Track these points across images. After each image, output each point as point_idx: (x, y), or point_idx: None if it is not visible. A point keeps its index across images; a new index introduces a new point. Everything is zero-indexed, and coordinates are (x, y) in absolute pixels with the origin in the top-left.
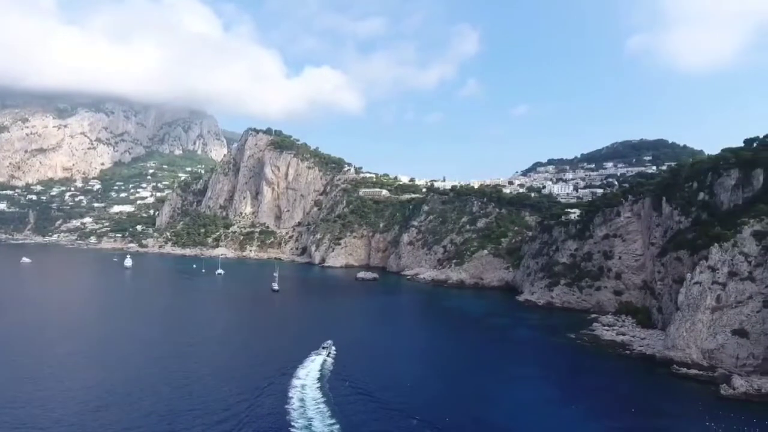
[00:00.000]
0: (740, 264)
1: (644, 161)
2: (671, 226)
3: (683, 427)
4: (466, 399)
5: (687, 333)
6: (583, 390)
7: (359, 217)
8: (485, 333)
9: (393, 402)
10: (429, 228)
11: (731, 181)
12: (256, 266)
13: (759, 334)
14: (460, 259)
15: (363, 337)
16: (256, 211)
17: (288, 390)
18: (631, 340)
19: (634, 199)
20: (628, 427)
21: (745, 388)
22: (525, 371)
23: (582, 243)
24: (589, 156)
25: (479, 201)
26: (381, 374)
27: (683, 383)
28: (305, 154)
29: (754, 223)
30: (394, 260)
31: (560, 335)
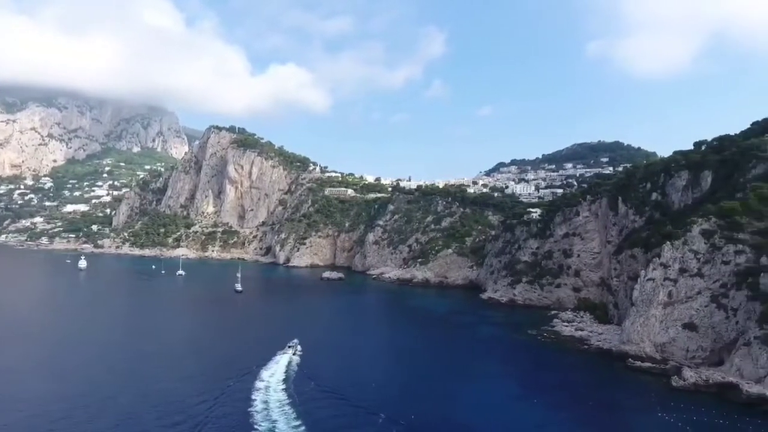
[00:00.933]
0: (690, 261)
1: (602, 162)
2: (626, 225)
3: (637, 419)
4: (432, 396)
5: (641, 327)
6: (544, 385)
7: (325, 216)
8: (450, 331)
9: (359, 400)
10: (394, 227)
11: (682, 182)
12: (218, 267)
13: (707, 328)
14: (425, 258)
15: (329, 337)
16: (219, 210)
17: (251, 391)
18: (589, 336)
19: (592, 199)
20: (586, 420)
21: (694, 379)
22: (489, 368)
23: (543, 242)
24: (550, 157)
25: (444, 200)
26: (347, 373)
27: (638, 376)
28: (270, 153)
29: (703, 222)
30: (359, 260)
31: (522, 332)
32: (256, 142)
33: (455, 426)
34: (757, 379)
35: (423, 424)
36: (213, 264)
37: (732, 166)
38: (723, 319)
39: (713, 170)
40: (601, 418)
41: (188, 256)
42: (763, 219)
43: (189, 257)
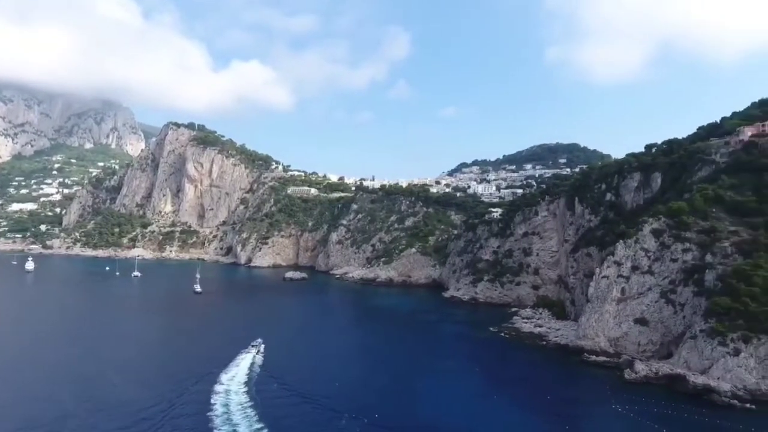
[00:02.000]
0: (641, 259)
1: (560, 163)
2: (583, 224)
3: (592, 411)
4: (395, 394)
5: (596, 323)
6: (504, 380)
7: (287, 215)
8: (413, 329)
9: (323, 400)
10: (358, 227)
11: (634, 183)
12: (176, 267)
13: (657, 322)
14: (388, 257)
15: (293, 337)
16: (177, 209)
17: (210, 395)
18: (547, 332)
19: (550, 199)
20: (544, 414)
21: (645, 371)
22: (451, 365)
23: (504, 240)
24: (511, 158)
25: (407, 200)
26: (311, 373)
27: (593, 370)
28: (231, 151)
29: (653, 222)
30: (323, 259)
31: (484, 329)
32: (216, 139)
33: (419, 423)
34: (702, 370)
35: (387, 423)
36: (171, 265)
37: (680, 169)
38: (671, 314)
39: (663, 172)
40: (559, 411)
41: (144, 256)
42: (707, 219)
43: (145, 258)
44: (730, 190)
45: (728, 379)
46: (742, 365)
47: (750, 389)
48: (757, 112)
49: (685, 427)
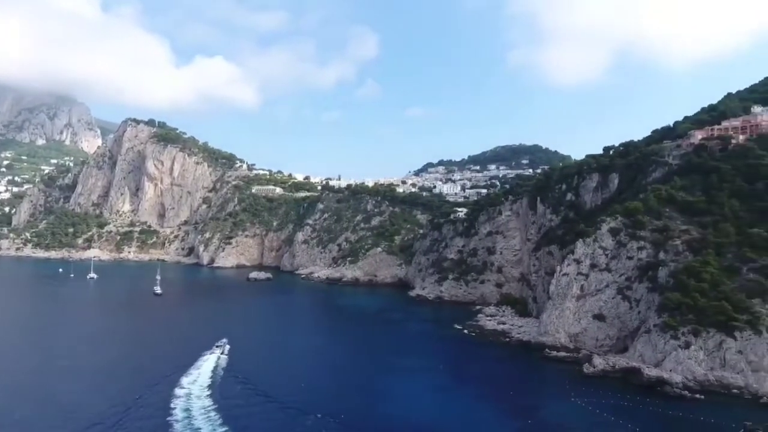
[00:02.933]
0: (599, 257)
1: (522, 164)
2: (544, 223)
3: (553, 405)
4: (362, 393)
5: (557, 319)
6: (469, 377)
7: (252, 215)
8: (379, 328)
9: (289, 401)
10: (324, 226)
11: (593, 183)
12: (135, 269)
13: (613, 318)
14: (354, 257)
15: (257, 338)
16: (136, 208)
17: (170, 399)
18: (510, 329)
19: (513, 199)
20: (507, 409)
21: (603, 365)
22: (417, 363)
23: (468, 240)
24: (475, 158)
25: (374, 200)
26: (277, 373)
27: (554, 365)
28: (193, 149)
29: (610, 221)
30: (288, 259)
31: (449, 327)
32: (178, 137)
33: (385, 422)
34: (656, 363)
35: (353, 422)
36: (129, 266)
37: (636, 170)
38: (627, 310)
39: (620, 173)
40: (521, 407)
41: (101, 257)
42: (661, 218)
43: (102, 259)
44: (682, 190)
45: (679, 371)
46: (692, 357)
47: (699, 380)
48: (707, 117)
49: (639, 418)
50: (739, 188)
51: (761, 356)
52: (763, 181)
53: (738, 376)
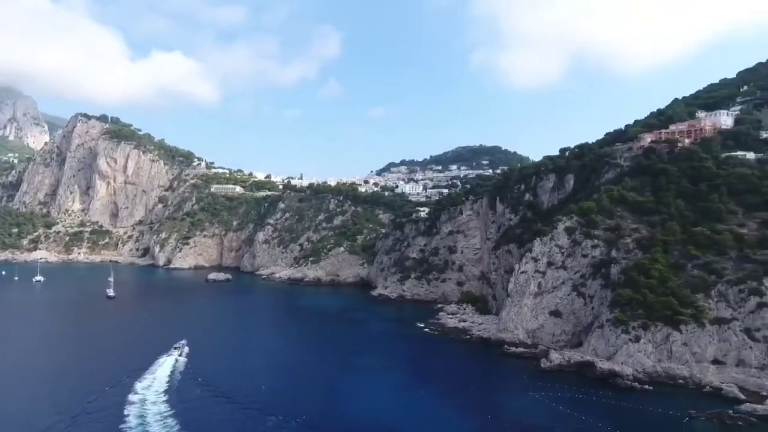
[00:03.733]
0: (556, 255)
1: (483, 165)
2: (504, 222)
3: (512, 399)
4: (324, 394)
5: (515, 316)
6: (430, 375)
7: (210, 214)
8: (341, 328)
9: (250, 402)
10: (285, 226)
11: (549, 184)
12: (86, 271)
13: (569, 314)
14: (316, 256)
15: (217, 340)
16: (87, 208)
17: (123, 406)
18: (471, 326)
19: (474, 198)
20: (468, 405)
21: (559, 360)
22: (379, 362)
23: (430, 239)
24: (437, 158)
25: (336, 199)
26: (238, 375)
27: (512, 361)
28: (148, 146)
29: (566, 220)
30: (248, 260)
31: (411, 326)
32: (132, 133)
33: (347, 422)
34: (608, 356)
35: (315, 422)
36: (79, 268)
37: (590, 171)
38: (582, 306)
39: (575, 174)
40: (481, 402)
41: (48, 259)
42: (613, 217)
43: (49, 261)
44: (632, 191)
45: (630, 364)
46: (642, 350)
47: (648, 372)
48: (656, 121)
49: (593, 410)
50: (685, 189)
51: (704, 348)
52: (705, 183)
53: (683, 367)
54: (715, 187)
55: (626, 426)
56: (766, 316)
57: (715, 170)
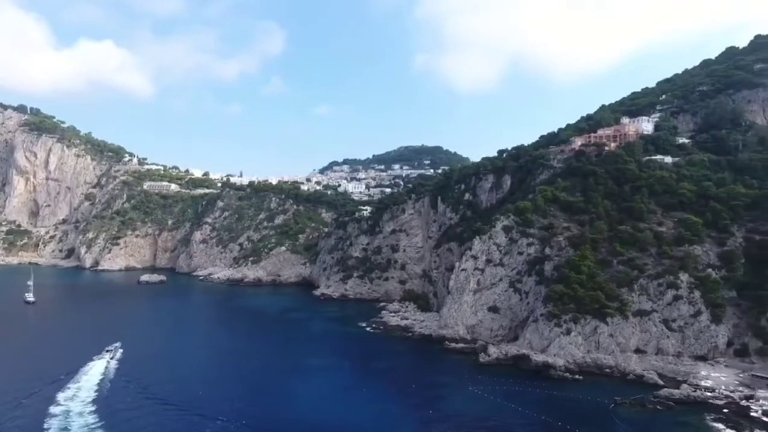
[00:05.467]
0: (494, 253)
1: (425, 165)
2: (445, 221)
3: (452, 394)
4: (265, 397)
5: (456, 313)
6: (373, 373)
7: (143, 213)
8: (283, 329)
9: (189, 407)
10: (224, 225)
11: (488, 184)
12: (1, 274)
13: (506, 309)
14: (257, 256)
15: (151, 345)
16: (3, 205)
17: (44, 417)
18: (412, 324)
19: (416, 198)
20: (410, 402)
21: (496, 354)
22: (321, 362)
23: (373, 238)
24: (380, 157)
25: (277, 197)
26: (175, 379)
27: (453, 356)
28: (73, 140)
29: (504, 219)
30: (184, 260)
31: (353, 325)
32: (55, 126)
33: (288, 424)
34: (542, 349)
35: (257, 425)
36: None
37: (526, 172)
38: (518, 301)
39: (512, 174)
40: (423, 398)
41: None
42: (547, 216)
43: None
44: (564, 191)
45: (562, 356)
46: (573, 342)
47: (578, 363)
48: (585, 126)
49: (528, 401)
50: (611, 190)
51: (628, 338)
52: (629, 184)
53: (609, 357)
54: (638, 189)
55: (558, 415)
56: (681, 307)
57: (637, 173)
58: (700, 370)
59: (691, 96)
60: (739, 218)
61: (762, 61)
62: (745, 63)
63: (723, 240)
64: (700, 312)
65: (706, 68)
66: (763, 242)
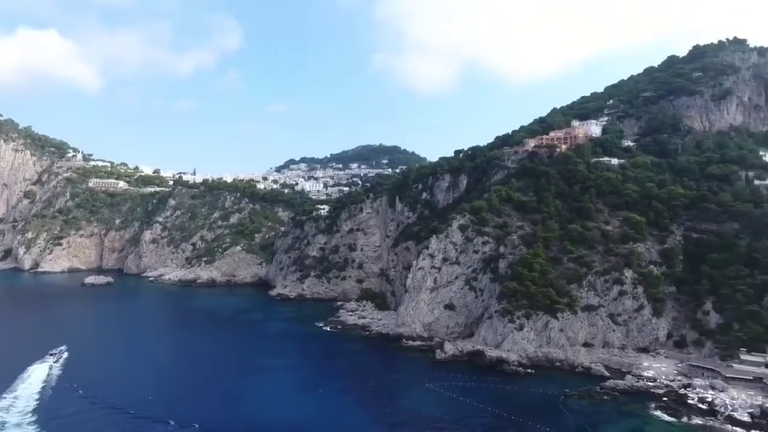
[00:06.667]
0: (450, 251)
1: (383, 164)
2: (402, 220)
3: (409, 391)
4: (219, 399)
5: (413, 311)
6: (330, 372)
7: (88, 212)
8: (238, 330)
9: (139, 411)
10: (176, 224)
11: (445, 183)
12: None
13: (462, 307)
14: (211, 256)
15: (98, 349)
16: None
17: None
18: (370, 322)
19: (374, 197)
20: (368, 400)
21: (452, 351)
22: (278, 363)
23: (330, 237)
24: (338, 156)
25: (233, 196)
26: (123, 384)
27: (410, 354)
28: (10, 134)
29: (460, 218)
30: (133, 261)
31: (310, 324)
32: None
33: (243, 426)
34: (496, 344)
35: (209, 429)
36: None
37: (481, 172)
38: (473, 299)
39: (468, 174)
40: (380, 396)
41: None
42: (501, 215)
43: None
44: (518, 191)
45: (515, 350)
46: (525, 338)
47: (530, 357)
48: (538, 128)
49: (482, 395)
50: (562, 190)
51: (576, 332)
52: (579, 185)
53: (560, 351)
54: (587, 189)
55: (511, 408)
56: (626, 302)
57: (586, 174)
58: (643, 362)
59: (636, 101)
60: (678, 217)
61: (699, 69)
62: (684, 71)
63: (664, 238)
64: (643, 306)
65: (649, 75)
66: (700, 240)
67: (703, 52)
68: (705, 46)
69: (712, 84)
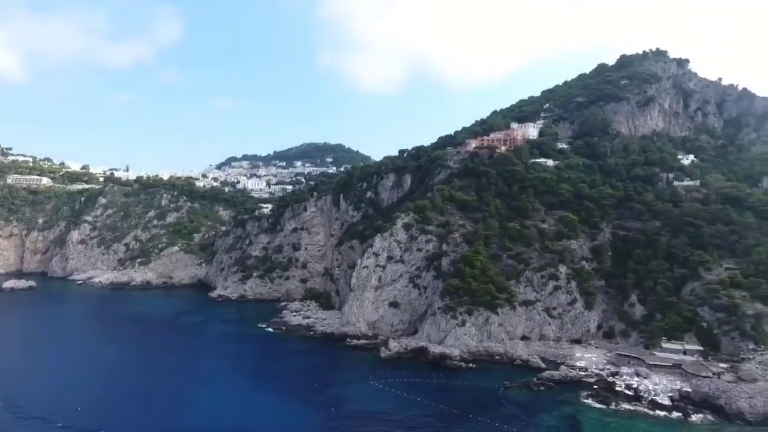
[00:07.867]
0: (395, 250)
1: (327, 162)
2: (347, 219)
3: (354, 389)
4: (154, 407)
5: (357, 310)
6: (274, 374)
7: (6, 211)
8: (175, 334)
9: (67, 422)
10: (107, 224)
11: (389, 182)
12: None
13: (406, 304)
14: (146, 257)
15: (20, 359)
16: None
17: None
18: (314, 322)
19: (318, 196)
20: (312, 401)
21: (397, 348)
22: (218, 367)
23: (274, 236)
24: (282, 154)
25: (169, 194)
26: (49, 395)
27: (355, 352)
28: None
29: (404, 217)
30: (59, 263)
31: (253, 326)
32: None
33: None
34: (440, 341)
35: None
36: None
37: (425, 171)
38: (417, 296)
39: (412, 174)
40: (324, 396)
41: None
42: (444, 214)
43: None
44: (460, 190)
45: (457, 346)
46: (467, 333)
47: (472, 352)
48: (479, 129)
49: (426, 391)
50: (501, 189)
51: (515, 326)
52: (517, 184)
53: (499, 345)
54: (524, 189)
55: (454, 402)
56: (560, 296)
57: (524, 174)
58: (576, 352)
59: (570, 106)
60: (607, 216)
61: (626, 77)
62: (613, 79)
63: (594, 235)
64: (576, 300)
65: (582, 81)
66: (626, 237)
67: (629, 61)
68: (631, 56)
69: (637, 92)
